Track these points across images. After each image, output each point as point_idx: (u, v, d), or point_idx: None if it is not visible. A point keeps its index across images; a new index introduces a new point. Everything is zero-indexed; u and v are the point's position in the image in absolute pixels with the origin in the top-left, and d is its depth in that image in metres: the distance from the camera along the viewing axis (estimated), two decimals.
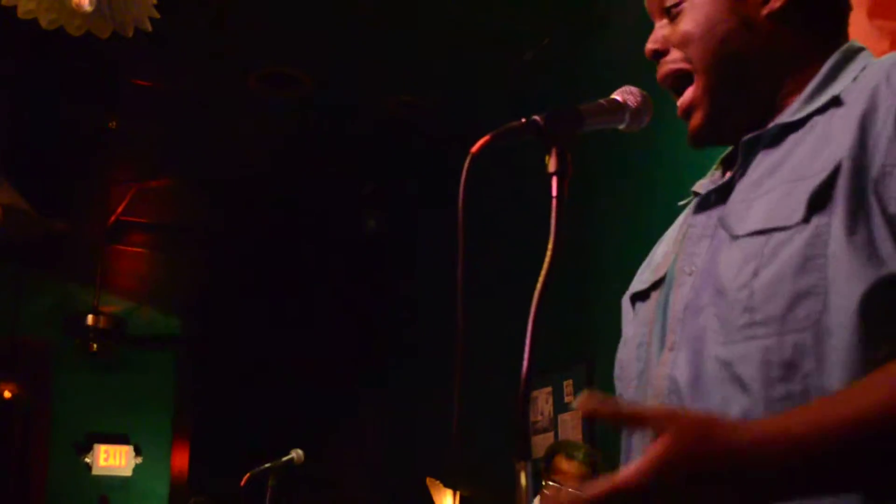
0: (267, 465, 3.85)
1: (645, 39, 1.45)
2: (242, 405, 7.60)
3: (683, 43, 1.37)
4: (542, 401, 5.20)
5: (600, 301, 4.62)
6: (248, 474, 3.78)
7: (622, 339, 1.49)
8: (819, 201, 1.15)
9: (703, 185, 1.42)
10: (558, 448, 4.02)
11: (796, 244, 1.15)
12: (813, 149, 1.22)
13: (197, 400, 7.98)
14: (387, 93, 5.97)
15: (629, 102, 1.39)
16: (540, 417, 5.21)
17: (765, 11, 1.35)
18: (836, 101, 1.25)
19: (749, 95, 1.36)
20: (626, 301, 1.53)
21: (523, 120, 1.30)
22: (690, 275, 1.30)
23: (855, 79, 1.27)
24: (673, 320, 1.29)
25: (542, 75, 5.50)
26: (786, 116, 1.30)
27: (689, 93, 1.38)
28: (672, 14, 1.39)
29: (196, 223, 7.79)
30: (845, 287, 1.11)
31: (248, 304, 7.88)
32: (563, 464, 3.89)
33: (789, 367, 1.13)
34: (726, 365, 1.18)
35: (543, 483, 1.32)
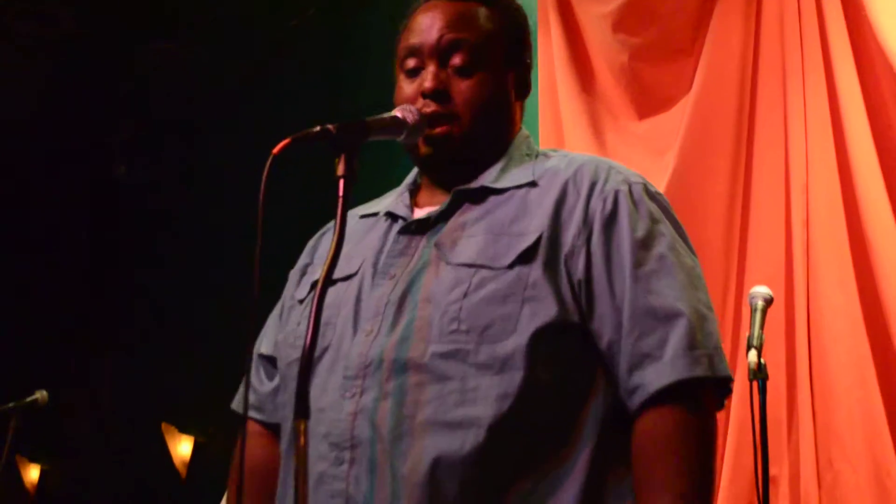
0: (10, 404, 3.78)
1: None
2: None
3: (468, 99, 1.70)
4: None
5: None
6: None
7: (288, 307, 1.81)
8: (525, 258, 1.57)
9: (394, 206, 1.76)
10: None
11: (501, 282, 1.55)
12: (514, 214, 1.63)
13: None
14: (148, 41, 5.94)
15: (408, 119, 1.64)
16: None
17: (513, 97, 1.78)
18: (532, 184, 1.67)
19: (481, 150, 1.74)
20: (295, 275, 1.86)
21: (318, 128, 1.51)
22: (392, 279, 1.62)
23: (535, 161, 1.73)
24: (368, 311, 1.62)
25: (306, 42, 5.64)
26: (488, 181, 1.70)
27: (447, 128, 1.69)
28: (457, 70, 1.71)
29: None
30: (529, 320, 1.53)
31: None
32: None
33: (480, 367, 1.51)
34: (433, 357, 1.53)
35: None
